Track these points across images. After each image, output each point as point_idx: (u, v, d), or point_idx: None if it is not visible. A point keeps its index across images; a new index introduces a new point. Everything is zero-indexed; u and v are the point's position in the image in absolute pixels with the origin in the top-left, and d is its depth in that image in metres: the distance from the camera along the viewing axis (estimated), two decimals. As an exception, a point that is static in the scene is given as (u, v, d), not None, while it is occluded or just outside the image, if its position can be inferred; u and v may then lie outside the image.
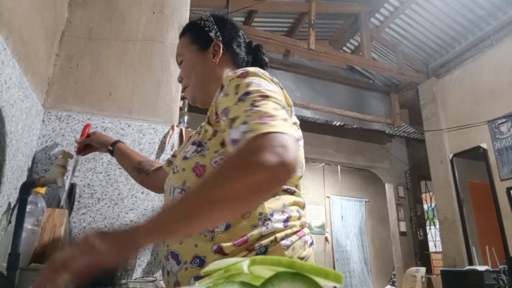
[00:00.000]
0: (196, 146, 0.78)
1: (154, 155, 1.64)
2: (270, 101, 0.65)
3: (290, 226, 0.72)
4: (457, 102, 4.93)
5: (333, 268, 6.35)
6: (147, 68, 1.74)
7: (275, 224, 0.70)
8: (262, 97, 0.65)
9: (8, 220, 1.13)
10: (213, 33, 0.94)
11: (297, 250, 0.71)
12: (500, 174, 4.23)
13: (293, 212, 0.74)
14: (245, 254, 0.68)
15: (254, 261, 0.24)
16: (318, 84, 5.51)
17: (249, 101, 0.65)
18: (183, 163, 0.78)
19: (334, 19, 5.45)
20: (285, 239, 0.70)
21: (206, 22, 0.96)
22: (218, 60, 0.92)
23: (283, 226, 0.71)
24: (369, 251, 7.57)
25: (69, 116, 1.56)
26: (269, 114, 0.61)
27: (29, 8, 1.24)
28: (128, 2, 1.81)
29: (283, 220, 0.72)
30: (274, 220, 0.70)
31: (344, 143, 6.25)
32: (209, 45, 0.93)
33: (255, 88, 0.68)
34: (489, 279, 3.16)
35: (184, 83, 0.97)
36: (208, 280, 0.25)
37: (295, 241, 0.71)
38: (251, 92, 0.67)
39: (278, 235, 0.69)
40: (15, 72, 1.14)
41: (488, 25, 4.51)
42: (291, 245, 0.70)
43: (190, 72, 0.94)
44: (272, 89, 0.69)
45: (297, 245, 0.71)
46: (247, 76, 0.72)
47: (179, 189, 0.77)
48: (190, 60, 0.94)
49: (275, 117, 0.60)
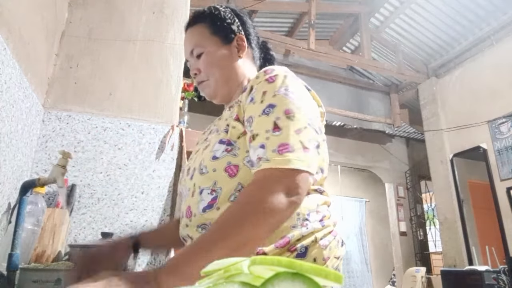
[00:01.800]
0: (226, 145, 0.74)
1: (154, 155, 1.64)
2: (294, 120, 0.64)
3: (326, 226, 0.72)
4: (457, 102, 4.93)
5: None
6: (147, 68, 1.74)
7: (314, 224, 0.70)
8: (286, 115, 0.65)
9: (8, 220, 1.13)
10: (235, 26, 0.88)
11: (333, 249, 0.71)
12: (500, 174, 4.22)
13: (326, 211, 0.74)
14: (287, 255, 0.66)
15: (254, 261, 0.24)
16: (318, 84, 5.51)
17: (272, 117, 0.65)
18: (213, 163, 0.73)
19: (334, 19, 5.45)
20: (323, 239, 0.70)
21: (226, 13, 0.88)
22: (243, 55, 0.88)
23: (320, 225, 0.70)
24: (369, 251, 7.57)
25: (69, 116, 1.56)
26: (287, 142, 0.62)
27: (29, 8, 1.24)
28: (128, 2, 1.81)
29: (319, 219, 0.71)
30: (312, 220, 0.70)
31: (344, 143, 6.25)
32: (232, 38, 0.87)
33: (281, 100, 0.67)
34: (489, 279, 3.16)
35: (201, 77, 0.88)
36: (208, 280, 0.25)
37: (332, 241, 0.71)
38: (276, 105, 0.66)
39: (317, 235, 0.69)
40: (15, 72, 1.14)
41: (488, 25, 4.51)
42: (329, 244, 0.70)
43: (214, 66, 0.85)
44: (298, 101, 0.67)
45: (333, 244, 0.71)
46: (275, 81, 0.70)
47: (208, 190, 0.73)
48: (214, 54, 0.86)
49: (293, 147, 0.61)
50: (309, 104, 0.72)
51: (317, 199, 0.74)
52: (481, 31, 4.60)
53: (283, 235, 0.67)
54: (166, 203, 1.61)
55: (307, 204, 0.71)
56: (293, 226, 0.68)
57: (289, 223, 0.68)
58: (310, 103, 0.73)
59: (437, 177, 5.04)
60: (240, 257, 0.61)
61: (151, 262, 1.51)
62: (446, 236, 4.78)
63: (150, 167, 1.61)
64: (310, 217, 0.70)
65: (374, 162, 6.44)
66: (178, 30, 1.86)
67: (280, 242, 0.67)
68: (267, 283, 0.21)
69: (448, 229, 4.76)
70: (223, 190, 0.71)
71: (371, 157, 6.42)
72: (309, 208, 0.71)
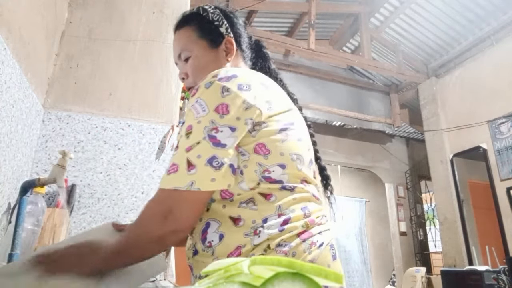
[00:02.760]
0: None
1: (154, 155, 1.64)
2: (189, 137, 0.64)
3: (288, 230, 0.64)
4: (457, 102, 4.93)
5: (333, 268, 6.33)
6: (147, 68, 1.74)
7: (269, 231, 0.63)
8: (186, 132, 0.65)
9: (8, 220, 1.13)
10: (224, 28, 0.85)
11: (299, 254, 0.64)
12: (500, 174, 4.23)
13: (294, 211, 0.67)
14: None
15: (254, 261, 0.24)
16: (318, 84, 5.51)
17: (179, 135, 0.68)
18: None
19: (334, 19, 5.45)
20: (282, 245, 0.63)
21: (214, 15, 0.85)
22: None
23: (278, 231, 0.64)
24: (369, 251, 7.57)
25: (69, 116, 1.56)
26: (175, 162, 0.64)
27: (29, 8, 1.24)
28: (128, 2, 1.81)
29: (279, 224, 0.64)
30: (267, 227, 0.64)
31: (344, 143, 6.25)
32: (219, 41, 0.84)
33: (188, 115, 0.67)
34: (489, 279, 3.16)
35: (189, 82, 0.86)
36: (208, 280, 0.25)
37: (297, 245, 0.64)
38: (185, 122, 0.67)
39: (271, 242, 0.63)
40: (15, 72, 1.14)
41: (488, 25, 4.51)
42: (290, 250, 0.63)
43: (202, 71, 0.81)
44: (202, 112, 0.65)
45: (299, 249, 0.64)
46: (195, 94, 0.68)
47: None
48: (201, 58, 0.84)
49: (180, 166, 0.63)
50: (219, 109, 0.65)
51: (282, 200, 0.67)
52: (481, 31, 4.60)
53: (237, 245, 0.64)
54: (166, 203, 1.61)
55: (265, 209, 0.66)
56: (246, 234, 0.64)
57: (242, 231, 0.64)
58: (224, 107, 0.65)
59: (437, 177, 5.04)
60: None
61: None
62: (446, 236, 4.78)
63: (150, 167, 1.61)
64: (267, 223, 0.64)
65: (374, 162, 6.44)
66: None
67: (232, 252, 0.64)
68: (267, 283, 0.21)
69: (448, 229, 4.76)
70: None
71: (371, 157, 6.42)
72: (267, 213, 0.65)
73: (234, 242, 0.64)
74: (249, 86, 0.68)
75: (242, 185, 0.66)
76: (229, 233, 0.65)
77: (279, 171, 0.68)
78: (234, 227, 0.65)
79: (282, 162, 0.68)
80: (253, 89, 0.69)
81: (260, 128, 0.67)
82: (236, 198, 0.67)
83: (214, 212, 0.67)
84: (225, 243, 0.64)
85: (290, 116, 0.73)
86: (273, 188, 0.67)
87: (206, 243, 0.66)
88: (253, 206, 0.66)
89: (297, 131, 0.73)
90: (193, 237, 0.71)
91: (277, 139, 0.68)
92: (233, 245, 0.64)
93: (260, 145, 0.67)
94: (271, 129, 0.68)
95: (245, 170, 0.66)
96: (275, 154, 0.67)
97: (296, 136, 0.72)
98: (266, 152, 0.67)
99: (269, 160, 0.67)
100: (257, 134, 0.67)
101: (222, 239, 0.65)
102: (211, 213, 0.68)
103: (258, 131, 0.67)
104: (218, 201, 0.67)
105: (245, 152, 0.67)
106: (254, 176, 0.66)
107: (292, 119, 0.73)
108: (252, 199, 0.66)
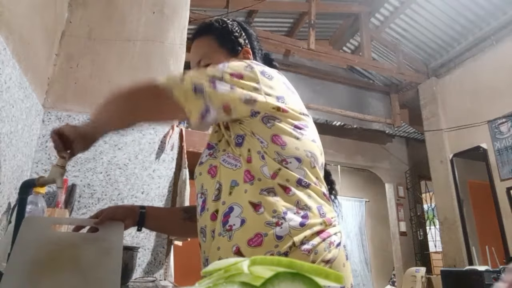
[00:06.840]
0: (208, 149, 0.83)
1: (154, 155, 1.64)
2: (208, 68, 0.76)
3: (308, 226, 0.67)
4: (457, 102, 4.92)
5: (333, 268, 6.33)
6: (147, 68, 1.74)
7: (290, 224, 0.66)
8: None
9: (8, 220, 1.13)
10: (242, 39, 0.92)
11: (320, 253, 0.66)
12: (500, 174, 4.22)
13: (311, 209, 0.69)
14: None
15: (254, 261, 0.24)
16: (318, 84, 5.51)
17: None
18: (199, 168, 0.83)
19: (334, 19, 5.45)
20: (306, 243, 0.66)
21: (234, 27, 0.92)
22: None
23: (299, 225, 0.66)
24: (369, 251, 7.57)
25: (69, 116, 1.56)
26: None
27: (29, 8, 1.24)
28: (128, 2, 1.81)
29: (299, 219, 0.67)
30: (288, 219, 0.66)
31: (344, 143, 6.25)
32: (238, 50, 0.90)
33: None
34: (489, 279, 3.16)
35: None
36: (208, 280, 0.25)
37: (318, 244, 0.66)
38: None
39: (295, 238, 0.65)
40: (15, 72, 1.14)
41: (488, 25, 4.51)
42: (313, 249, 0.66)
43: None
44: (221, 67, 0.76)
45: (320, 248, 0.66)
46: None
47: (199, 194, 0.80)
48: None
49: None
50: (235, 75, 0.77)
51: (299, 196, 0.69)
52: (481, 31, 4.60)
53: (257, 232, 0.66)
54: (166, 203, 1.61)
55: (285, 202, 0.68)
56: (268, 223, 0.66)
57: (262, 219, 0.67)
58: (240, 76, 0.77)
59: (437, 177, 5.04)
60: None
61: (151, 262, 1.51)
62: (446, 236, 4.78)
63: (150, 167, 1.61)
64: (287, 215, 0.67)
65: (374, 162, 6.44)
66: (178, 30, 1.86)
67: (253, 239, 0.66)
68: (267, 283, 0.21)
69: (448, 229, 4.76)
70: (208, 191, 0.76)
71: (371, 157, 6.42)
72: (287, 206, 0.68)
73: (255, 229, 0.66)
74: (271, 76, 0.77)
75: (264, 169, 0.70)
76: (250, 219, 0.67)
77: (296, 163, 0.72)
78: (255, 213, 0.67)
79: (298, 155, 0.72)
80: (275, 80, 0.77)
81: (275, 122, 0.73)
82: (256, 183, 0.70)
83: (237, 197, 0.70)
84: (245, 229, 0.67)
85: (305, 119, 0.79)
86: (291, 181, 0.70)
87: (227, 226, 0.69)
88: (274, 197, 0.69)
89: (311, 134, 0.78)
90: (214, 221, 0.73)
91: (292, 134, 0.74)
92: (253, 231, 0.66)
93: (277, 136, 0.72)
94: (286, 124, 0.74)
95: (266, 156, 0.71)
96: (291, 147, 0.72)
97: (311, 137, 0.77)
98: (282, 143, 0.72)
99: (286, 151, 0.72)
100: (272, 126, 0.72)
101: (243, 224, 0.68)
102: (234, 197, 0.71)
103: (273, 124, 0.73)
104: (241, 185, 0.70)
105: (263, 140, 0.72)
106: (274, 163, 0.70)
107: (306, 123, 0.79)
108: (272, 189, 0.69)
